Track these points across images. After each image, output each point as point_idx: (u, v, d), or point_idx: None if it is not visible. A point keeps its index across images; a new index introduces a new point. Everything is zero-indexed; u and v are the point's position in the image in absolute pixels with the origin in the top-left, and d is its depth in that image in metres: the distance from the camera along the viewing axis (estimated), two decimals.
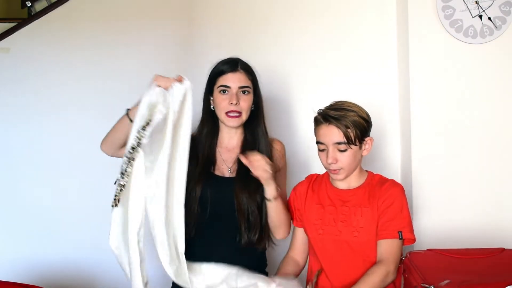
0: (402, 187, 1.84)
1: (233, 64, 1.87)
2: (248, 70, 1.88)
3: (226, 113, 1.84)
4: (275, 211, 1.82)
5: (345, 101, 1.81)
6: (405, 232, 1.75)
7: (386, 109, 2.42)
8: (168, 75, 2.36)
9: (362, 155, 1.82)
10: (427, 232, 2.18)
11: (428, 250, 1.87)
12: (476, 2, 2.20)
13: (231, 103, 1.82)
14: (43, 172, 2.40)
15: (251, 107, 1.89)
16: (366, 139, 1.80)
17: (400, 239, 1.75)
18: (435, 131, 2.22)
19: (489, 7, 2.19)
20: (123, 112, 1.72)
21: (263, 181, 1.76)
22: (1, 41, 2.37)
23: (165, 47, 2.43)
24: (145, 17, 2.43)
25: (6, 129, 2.41)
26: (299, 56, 2.42)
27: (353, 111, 1.77)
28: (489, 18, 2.19)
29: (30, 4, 2.53)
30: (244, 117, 1.86)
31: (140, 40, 2.41)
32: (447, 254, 1.81)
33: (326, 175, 1.90)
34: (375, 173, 1.83)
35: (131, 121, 1.64)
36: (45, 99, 2.41)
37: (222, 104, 1.84)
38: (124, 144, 1.65)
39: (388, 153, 2.42)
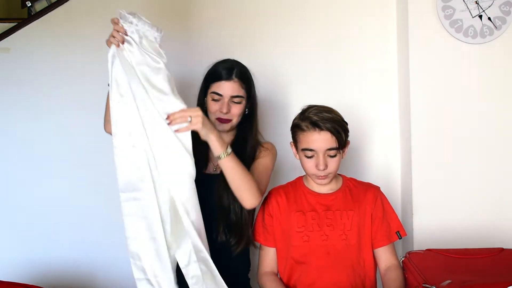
0: (379, 187, 1.86)
1: (228, 72, 1.83)
2: (243, 78, 1.84)
3: (216, 118, 1.84)
4: (230, 171, 1.68)
5: (320, 105, 1.77)
6: (401, 231, 1.81)
7: (386, 109, 2.42)
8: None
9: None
10: (426, 232, 2.18)
11: (427, 250, 1.87)
12: (476, 2, 2.19)
13: (221, 111, 1.81)
14: (42, 172, 2.40)
15: (245, 111, 1.87)
16: (347, 142, 1.79)
17: (399, 238, 1.80)
18: (435, 131, 2.22)
19: (489, 7, 2.19)
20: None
21: (201, 134, 1.62)
22: (1, 41, 2.37)
23: (165, 46, 2.42)
24: (144, 17, 2.42)
25: (5, 128, 2.41)
26: (296, 58, 2.42)
27: (337, 115, 1.75)
28: (489, 18, 2.19)
29: (30, 4, 2.52)
30: (235, 122, 1.86)
31: None
32: (446, 254, 1.81)
33: (298, 182, 1.88)
34: (377, 173, 1.81)
35: None
36: (45, 99, 2.41)
37: (213, 108, 1.83)
38: None
39: (388, 153, 2.42)
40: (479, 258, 1.78)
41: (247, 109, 1.89)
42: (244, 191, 1.71)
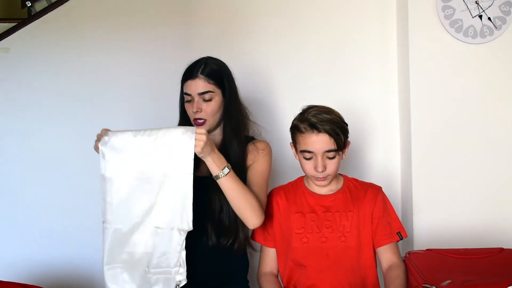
0: (381, 187, 1.85)
1: (194, 70, 1.78)
2: (209, 73, 1.77)
3: (194, 121, 1.79)
4: (229, 192, 1.65)
5: (320, 106, 1.76)
6: (402, 232, 1.80)
7: (386, 109, 2.42)
8: (167, 74, 2.38)
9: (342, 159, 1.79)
10: (427, 232, 2.18)
11: (427, 250, 1.88)
12: (476, 2, 2.19)
13: (193, 112, 1.77)
14: (42, 172, 2.39)
15: (222, 108, 1.80)
16: (346, 143, 1.78)
17: (400, 239, 1.80)
18: (435, 131, 2.22)
19: (489, 7, 2.19)
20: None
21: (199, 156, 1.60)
22: (1, 41, 2.37)
23: (164, 46, 2.42)
24: (144, 17, 2.43)
25: (5, 128, 2.41)
26: (296, 57, 2.41)
27: (336, 116, 1.74)
28: (489, 18, 2.19)
29: (30, 4, 2.52)
30: (212, 121, 1.79)
31: (140, 39, 2.41)
32: (446, 254, 1.82)
33: (299, 182, 1.87)
34: (377, 173, 1.81)
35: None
36: (45, 99, 2.41)
37: (188, 111, 1.80)
38: None
39: (388, 153, 2.42)
40: (479, 258, 1.79)
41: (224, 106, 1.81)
42: (246, 211, 1.68)
